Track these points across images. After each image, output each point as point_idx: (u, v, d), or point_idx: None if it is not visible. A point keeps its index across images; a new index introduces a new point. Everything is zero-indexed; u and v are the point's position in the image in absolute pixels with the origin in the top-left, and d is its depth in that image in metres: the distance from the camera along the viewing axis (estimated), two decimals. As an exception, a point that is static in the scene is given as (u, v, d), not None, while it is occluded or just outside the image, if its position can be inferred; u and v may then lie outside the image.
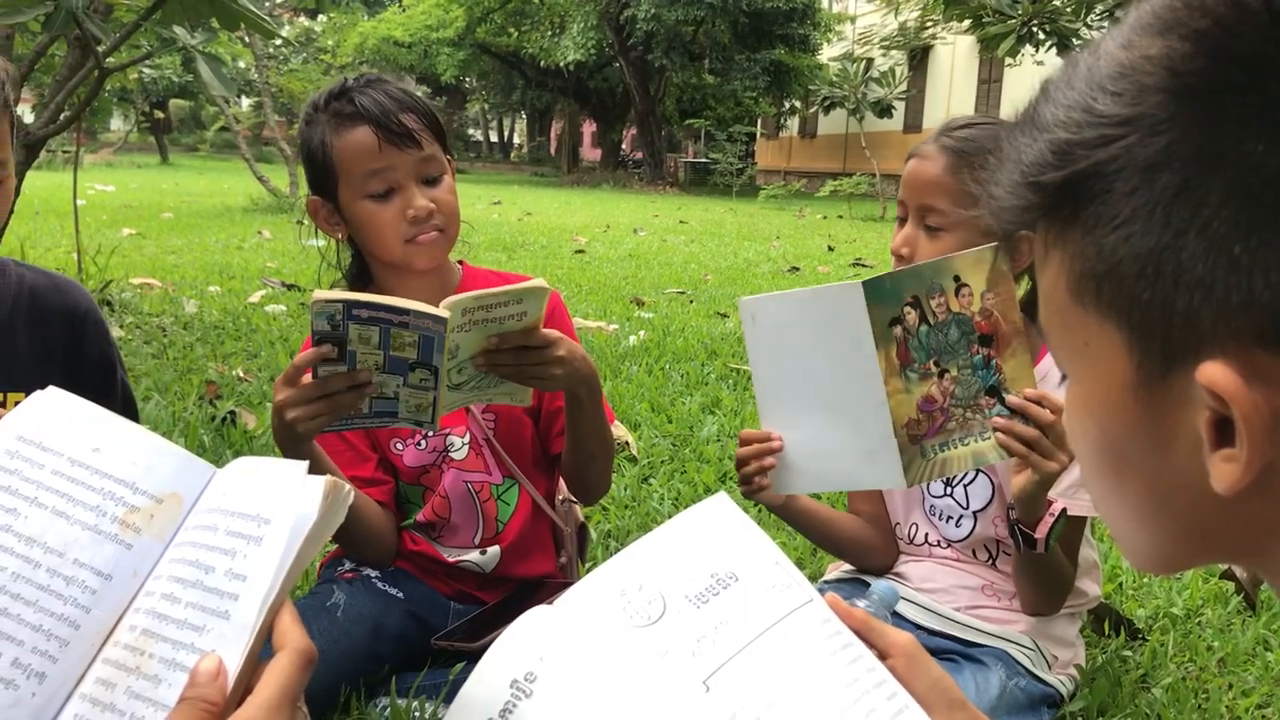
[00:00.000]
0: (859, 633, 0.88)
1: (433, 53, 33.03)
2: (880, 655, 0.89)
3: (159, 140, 34.26)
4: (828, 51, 30.18)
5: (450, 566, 1.95)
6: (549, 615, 0.80)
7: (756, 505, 1.88)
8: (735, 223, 14.95)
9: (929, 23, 21.39)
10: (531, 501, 1.97)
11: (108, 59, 4.11)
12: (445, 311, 1.44)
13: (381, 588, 1.91)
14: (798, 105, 31.41)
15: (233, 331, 5.00)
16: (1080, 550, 1.82)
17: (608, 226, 13.16)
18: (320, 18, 41.93)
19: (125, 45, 4.35)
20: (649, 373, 4.41)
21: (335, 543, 1.95)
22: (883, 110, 21.68)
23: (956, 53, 25.40)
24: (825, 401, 1.64)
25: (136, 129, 37.00)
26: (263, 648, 0.79)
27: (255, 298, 5.97)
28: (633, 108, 31.36)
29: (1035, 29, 8.33)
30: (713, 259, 9.56)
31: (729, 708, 0.76)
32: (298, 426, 1.51)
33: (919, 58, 27.11)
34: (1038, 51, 8.57)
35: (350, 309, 1.43)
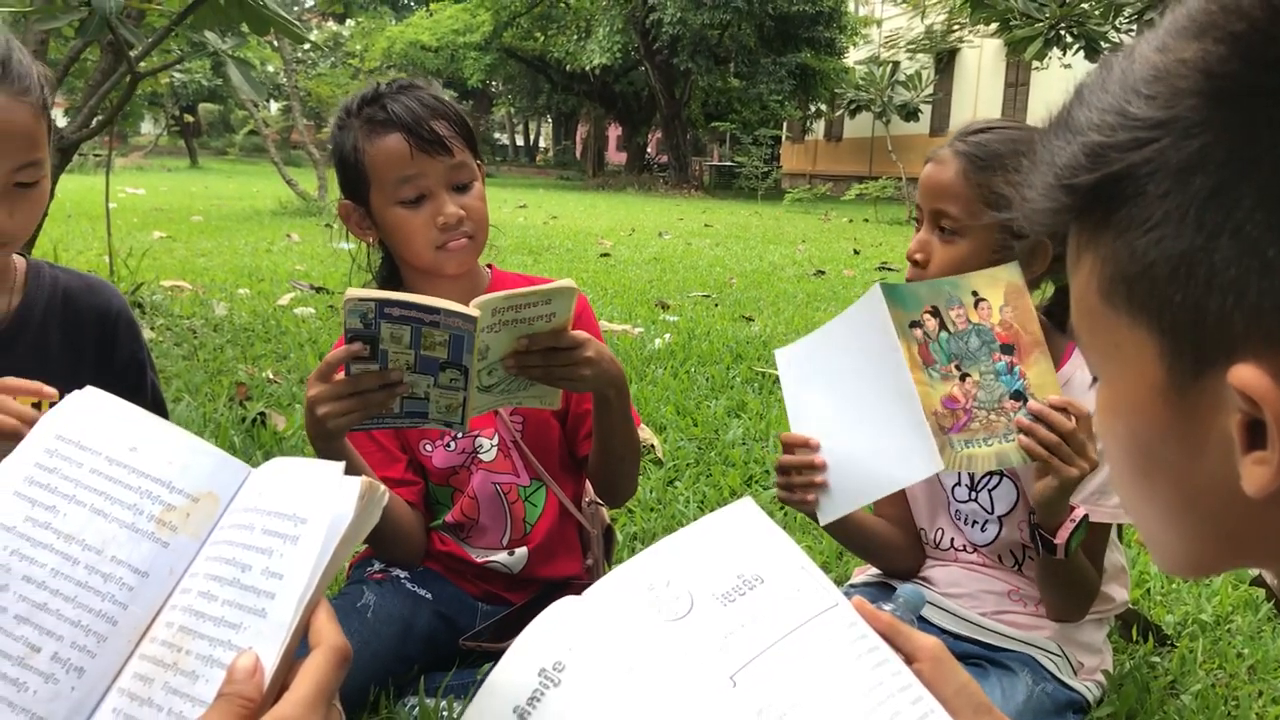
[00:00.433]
0: (885, 636, 0.88)
1: (459, 57, 33.16)
2: (906, 659, 0.88)
3: (188, 144, 34.53)
4: (854, 55, 30.10)
5: (478, 567, 1.96)
6: (577, 606, 0.80)
7: (782, 508, 1.88)
8: (760, 226, 14.93)
9: (955, 26, 21.29)
10: (559, 503, 1.98)
11: (140, 64, 4.15)
12: (475, 310, 1.46)
13: (410, 588, 1.93)
14: (823, 109, 31.33)
15: (262, 334, 5.04)
16: (1106, 555, 1.82)
17: (633, 230, 13.16)
18: (348, 22, 42.23)
19: (157, 50, 4.40)
20: (674, 376, 4.42)
21: (366, 543, 1.96)
22: (909, 114, 21.60)
23: (983, 56, 25.29)
24: (857, 410, 1.67)
25: (166, 133, 37.32)
26: (299, 646, 0.80)
27: (284, 300, 6.02)
28: (658, 111, 31.37)
29: (1063, 32, 8.28)
30: (738, 262, 9.55)
31: (755, 703, 0.76)
32: (329, 423, 1.53)
33: (945, 61, 27.00)
34: (1065, 55, 8.50)
35: (382, 307, 1.45)
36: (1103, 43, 8.15)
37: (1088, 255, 0.63)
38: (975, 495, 1.87)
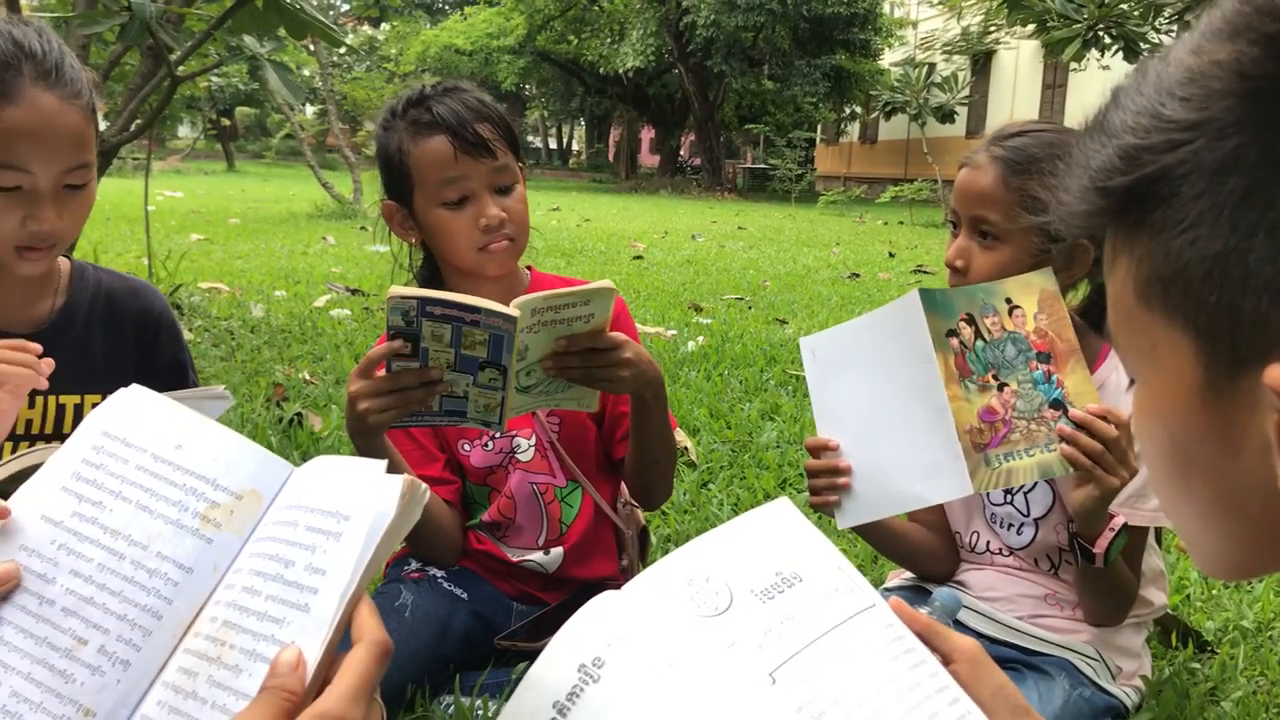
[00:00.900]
0: (922, 637, 0.88)
1: (493, 60, 33.29)
2: (943, 660, 0.88)
3: (225, 147, 34.87)
4: (889, 56, 29.96)
5: (514, 566, 1.97)
6: (617, 601, 0.81)
7: (816, 513, 1.88)
8: (794, 229, 14.90)
9: (992, 27, 21.15)
10: (594, 504, 1.99)
11: (179, 67, 4.20)
12: (515, 310, 1.47)
13: (447, 588, 1.94)
14: (858, 111, 31.22)
15: (299, 335, 5.08)
16: (1145, 559, 1.80)
17: (666, 232, 13.17)
18: (383, 26, 42.51)
19: (195, 54, 4.45)
20: (707, 378, 4.42)
21: (404, 541, 1.98)
22: (945, 115, 21.46)
23: (1020, 57, 25.09)
24: (886, 420, 1.66)
25: (204, 136, 37.69)
26: (341, 640, 0.81)
27: (320, 302, 6.07)
28: (691, 114, 31.35)
29: (1101, 33, 8.20)
30: (771, 265, 9.53)
31: (795, 701, 0.76)
32: (369, 418, 1.55)
33: (982, 63, 26.81)
34: (1103, 56, 8.42)
35: (424, 305, 1.46)
36: (1142, 43, 8.06)
37: (1123, 257, 0.63)
38: (1011, 498, 1.87)
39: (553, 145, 59.65)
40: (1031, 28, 8.87)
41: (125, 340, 1.73)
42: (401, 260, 2.02)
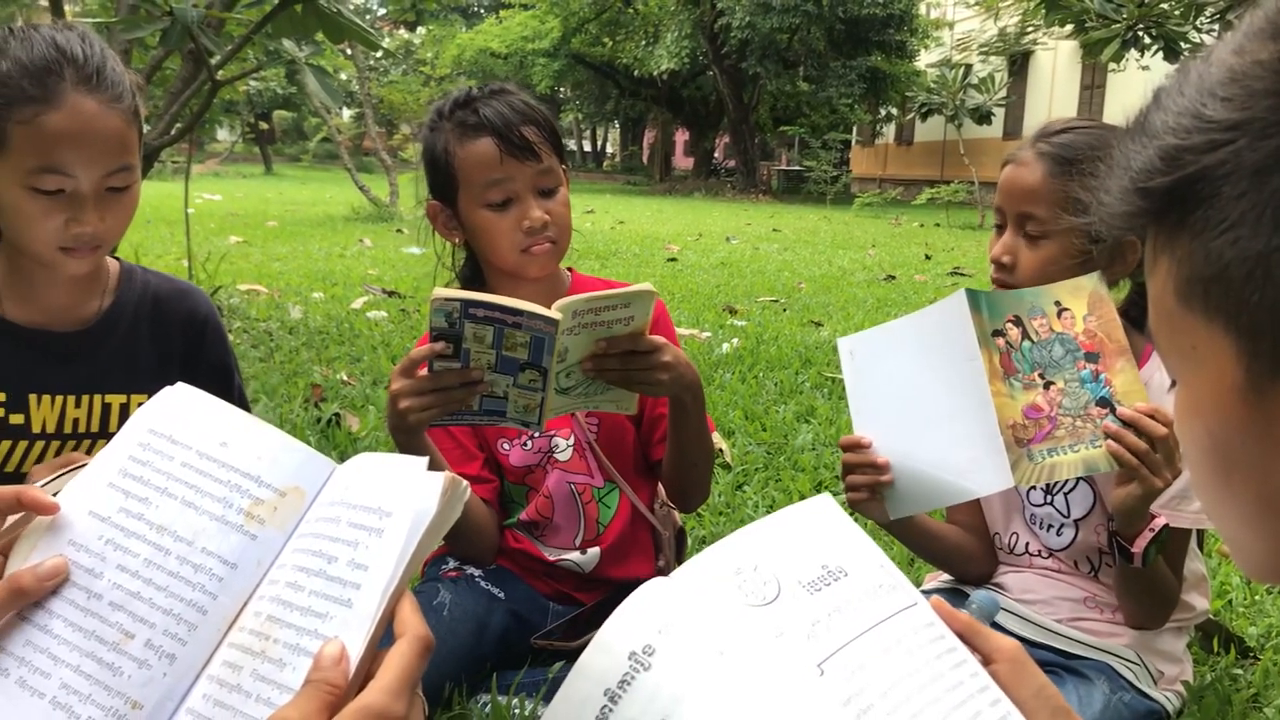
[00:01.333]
0: (963, 637, 0.88)
1: (528, 63, 33.41)
2: (983, 661, 0.88)
3: (263, 150, 35.23)
4: (925, 58, 29.77)
5: (550, 565, 1.98)
6: (666, 589, 0.81)
7: (855, 514, 1.88)
8: (829, 231, 14.84)
9: (1029, 28, 20.97)
10: (631, 505, 2.00)
11: (219, 71, 4.25)
12: (557, 314, 1.48)
13: (485, 587, 1.95)
14: (894, 112, 31.05)
15: (336, 336, 5.12)
16: (1186, 563, 1.79)
17: (700, 234, 13.16)
18: (419, 30, 42.73)
19: (234, 58, 4.50)
20: (742, 381, 4.41)
21: (443, 539, 2.00)
22: (982, 117, 21.31)
23: (1058, 58, 24.88)
24: (926, 416, 1.66)
25: (242, 140, 38.05)
26: (383, 636, 0.82)
27: (357, 304, 6.12)
28: (725, 116, 31.32)
29: (1141, 33, 8.10)
30: (806, 267, 9.50)
31: (843, 693, 0.76)
32: (409, 416, 1.57)
33: (1019, 63, 26.61)
34: (1143, 56, 8.32)
35: (467, 307, 1.48)
36: (1182, 43, 7.95)
37: (1164, 258, 0.63)
38: (1051, 499, 1.85)
39: (587, 148, 59.78)
40: (1069, 28, 8.77)
41: (171, 341, 1.75)
42: (445, 260, 2.04)
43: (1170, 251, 0.62)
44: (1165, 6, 8.01)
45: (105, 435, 1.66)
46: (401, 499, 0.85)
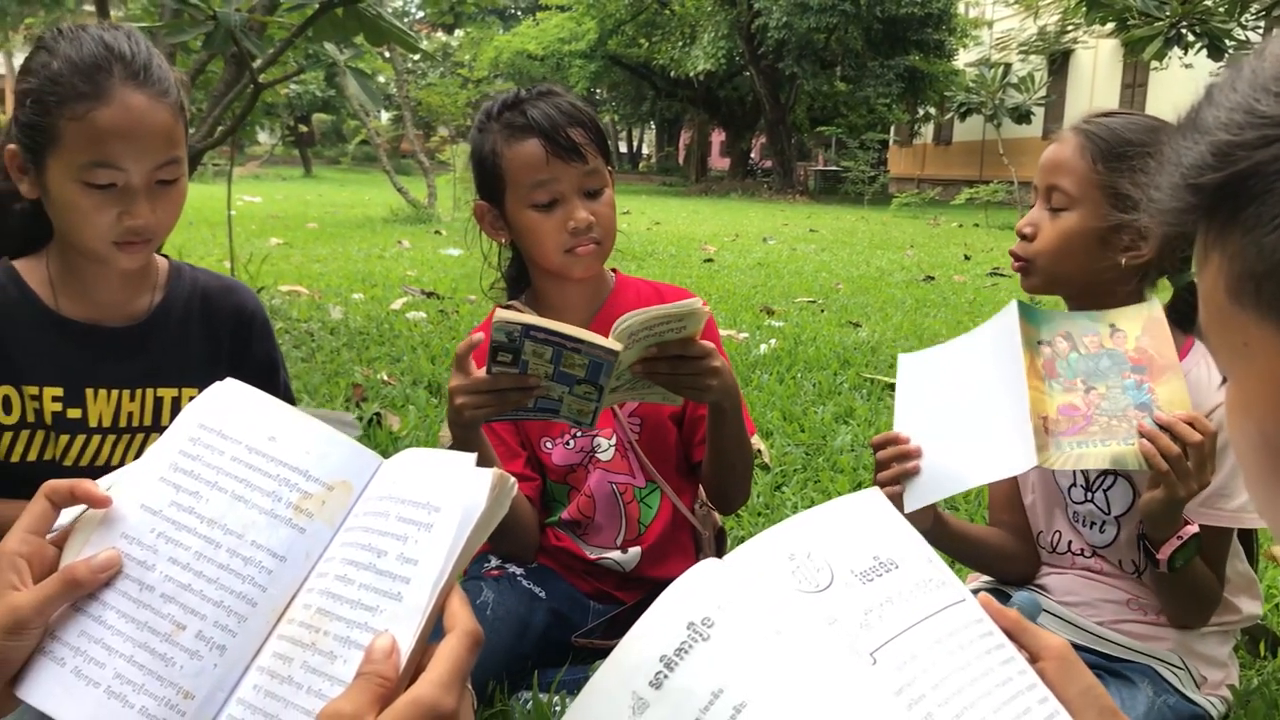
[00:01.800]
0: (1010, 633, 0.87)
1: (565, 65, 33.49)
2: (1030, 658, 0.88)
3: (302, 153, 35.48)
4: (964, 57, 29.58)
5: (591, 564, 1.99)
6: (722, 568, 0.81)
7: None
8: (867, 231, 14.78)
9: (1070, 26, 20.78)
10: (672, 505, 2.00)
11: (261, 74, 4.30)
12: (618, 345, 1.49)
13: (526, 586, 1.96)
14: (932, 112, 30.86)
15: (376, 337, 5.17)
16: (1231, 565, 1.77)
17: (736, 235, 13.14)
18: (457, 32, 42.96)
19: (276, 62, 4.55)
20: (780, 381, 4.40)
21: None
22: (1021, 116, 21.13)
23: (1099, 56, 24.65)
24: (960, 409, 1.69)
25: (281, 142, 38.40)
26: (432, 630, 0.82)
27: (397, 305, 6.16)
28: (762, 116, 31.23)
29: (1184, 30, 8.00)
30: (844, 268, 9.47)
31: (895, 683, 0.76)
32: (464, 413, 1.60)
33: (1059, 62, 26.36)
34: (1186, 54, 8.22)
35: (528, 330, 1.50)
36: (1227, 40, 7.85)
37: (1215, 254, 0.62)
38: (1091, 496, 1.84)
39: (623, 149, 59.84)
40: (1111, 26, 8.68)
41: (220, 336, 1.79)
42: (491, 260, 2.05)
43: (1222, 248, 0.61)
44: (1209, 3, 7.91)
45: (158, 428, 1.69)
46: (450, 494, 0.86)
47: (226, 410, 0.98)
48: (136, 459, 0.98)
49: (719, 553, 2.13)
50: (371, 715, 0.74)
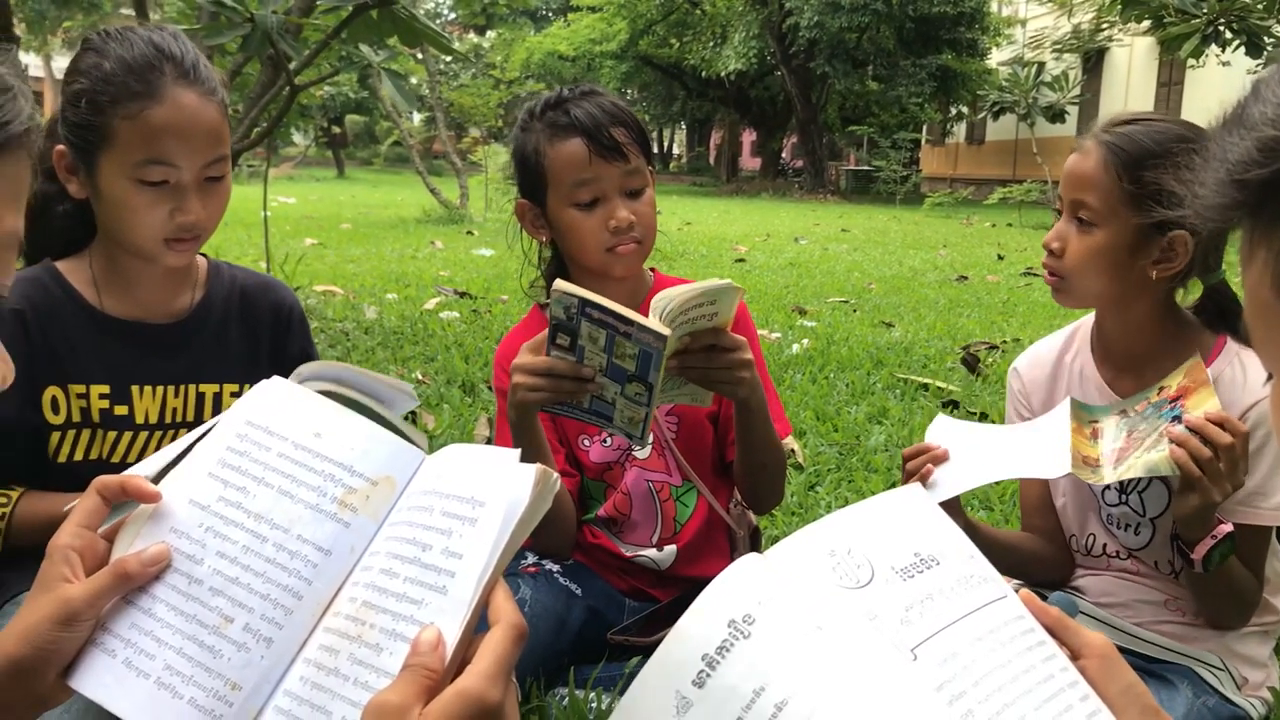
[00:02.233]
0: (1052, 630, 0.87)
1: (596, 65, 33.52)
2: (1071, 656, 0.87)
3: (336, 154, 35.69)
4: (997, 56, 29.37)
5: (627, 562, 2.00)
6: (762, 564, 0.82)
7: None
8: (899, 231, 14.71)
9: (1104, 24, 20.58)
10: (708, 505, 2.00)
11: (297, 76, 4.33)
12: (666, 329, 1.50)
13: (563, 583, 1.97)
14: (965, 111, 30.65)
15: (410, 336, 5.20)
16: (1270, 564, 1.75)
17: (768, 235, 13.12)
18: (489, 34, 43.08)
19: (311, 63, 4.58)
20: (813, 381, 4.39)
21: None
22: (1055, 115, 20.98)
23: (1134, 55, 24.39)
24: (997, 438, 1.79)
25: (315, 144, 38.62)
26: (477, 623, 0.83)
27: (430, 304, 6.20)
28: (793, 116, 31.12)
29: (1222, 28, 7.90)
30: (876, 268, 9.43)
31: (936, 679, 0.77)
32: (518, 393, 1.62)
33: (1093, 61, 26.12)
34: (1224, 52, 8.13)
35: (584, 305, 1.51)
36: (1266, 38, 7.75)
37: (1260, 250, 0.62)
38: (1125, 498, 1.83)
39: (654, 149, 59.74)
40: (1146, 24, 8.59)
41: (259, 332, 1.81)
42: (531, 258, 2.06)
43: (1268, 244, 0.61)
44: (1248, 0, 7.81)
45: (200, 424, 1.71)
46: (494, 489, 0.87)
47: (273, 407, 1.00)
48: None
49: (754, 552, 2.13)
50: (418, 707, 0.75)
